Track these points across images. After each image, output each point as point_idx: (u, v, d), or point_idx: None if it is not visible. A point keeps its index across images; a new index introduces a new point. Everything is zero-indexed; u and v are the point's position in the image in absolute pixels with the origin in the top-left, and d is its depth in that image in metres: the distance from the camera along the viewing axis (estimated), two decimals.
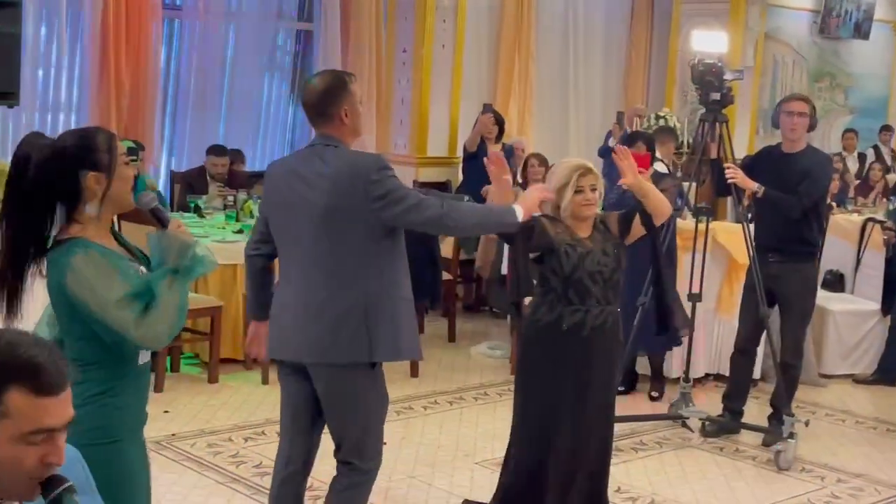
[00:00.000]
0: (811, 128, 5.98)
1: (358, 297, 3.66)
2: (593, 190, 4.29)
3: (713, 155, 6.08)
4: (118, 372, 2.75)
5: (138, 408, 2.86)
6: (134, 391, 2.82)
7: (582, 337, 4.29)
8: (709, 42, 7.70)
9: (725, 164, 5.91)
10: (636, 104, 11.10)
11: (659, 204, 4.40)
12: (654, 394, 6.82)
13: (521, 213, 3.77)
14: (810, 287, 6.09)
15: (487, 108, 9.47)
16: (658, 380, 6.89)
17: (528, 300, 4.69)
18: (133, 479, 2.80)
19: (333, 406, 3.80)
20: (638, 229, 4.43)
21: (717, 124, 6.02)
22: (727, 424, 6.13)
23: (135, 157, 7.91)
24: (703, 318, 6.74)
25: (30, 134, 2.82)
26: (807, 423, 5.93)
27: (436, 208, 3.64)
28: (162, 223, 2.79)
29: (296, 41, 10.04)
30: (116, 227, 3.10)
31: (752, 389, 6.54)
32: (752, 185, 5.82)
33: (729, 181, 5.82)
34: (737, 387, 6.22)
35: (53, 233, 2.75)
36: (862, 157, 12.62)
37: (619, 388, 6.91)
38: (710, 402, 6.48)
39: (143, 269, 2.80)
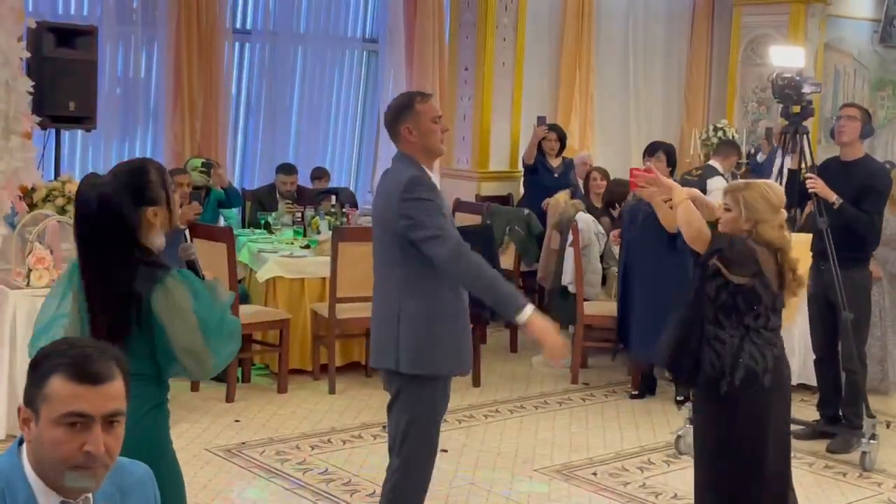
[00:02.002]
0: (866, 134, 5.95)
1: (394, 308, 3.85)
2: (725, 210, 4.10)
3: (794, 166, 6.08)
4: (164, 386, 2.92)
5: (168, 422, 3.00)
6: (167, 407, 2.98)
7: None
8: (786, 57, 7.68)
9: (807, 175, 5.89)
10: (694, 126, 11.02)
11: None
12: (680, 398, 6.80)
13: (526, 317, 3.63)
14: (863, 293, 6.02)
15: (541, 119, 9.48)
16: (683, 385, 6.87)
17: None
18: (182, 484, 2.95)
19: (390, 407, 3.98)
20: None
21: (798, 136, 6.02)
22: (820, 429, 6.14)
23: (206, 173, 8.12)
24: None
25: (87, 175, 2.96)
26: (888, 426, 5.90)
27: (449, 250, 3.68)
28: (196, 274, 2.95)
29: (363, 62, 10.18)
30: None
31: (814, 396, 6.48)
32: (831, 196, 5.80)
33: (810, 191, 5.81)
34: (823, 394, 6.24)
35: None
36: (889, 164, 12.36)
37: (634, 393, 7.01)
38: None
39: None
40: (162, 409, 2.90)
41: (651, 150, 6.92)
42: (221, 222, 8.24)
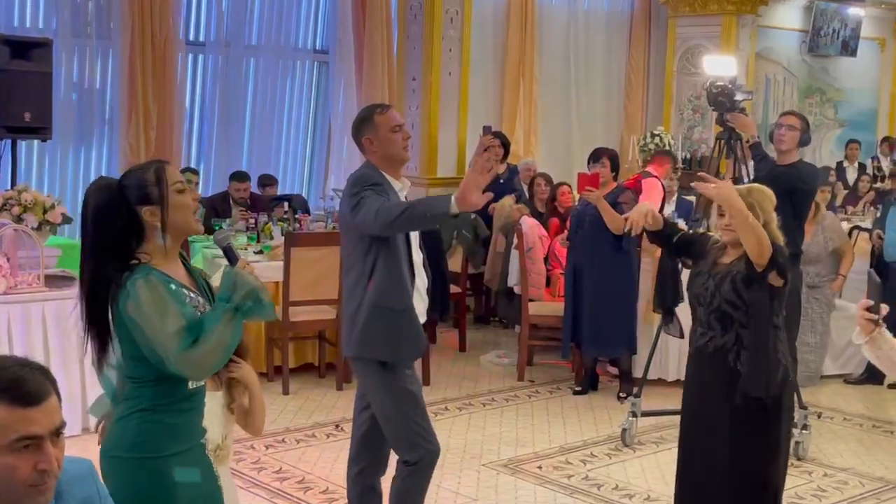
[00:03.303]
0: (804, 143, 6.00)
1: (356, 300, 3.99)
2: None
3: (730, 173, 6.16)
4: (167, 391, 2.75)
5: (188, 427, 2.83)
6: (185, 411, 2.80)
7: (689, 356, 4.23)
8: (719, 66, 7.78)
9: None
10: (631, 128, 11.13)
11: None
12: (623, 394, 6.87)
13: (455, 201, 3.60)
14: (794, 291, 6.10)
15: (487, 129, 9.45)
16: (627, 381, 6.94)
17: None
18: (177, 494, 2.76)
19: (368, 398, 4.15)
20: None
21: (733, 142, 6.09)
22: None
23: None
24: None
25: (97, 179, 2.89)
26: (819, 416, 6.05)
27: (372, 208, 3.79)
28: (230, 261, 2.83)
29: (313, 73, 10.15)
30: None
31: None
32: (751, 130, 5.99)
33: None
34: None
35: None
36: (862, 168, 12.59)
37: (577, 389, 7.07)
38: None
39: (201, 300, 2.81)
40: (154, 412, 2.74)
41: (596, 157, 6.99)
42: None
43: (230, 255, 2.84)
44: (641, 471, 5.57)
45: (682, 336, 6.24)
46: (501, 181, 9.21)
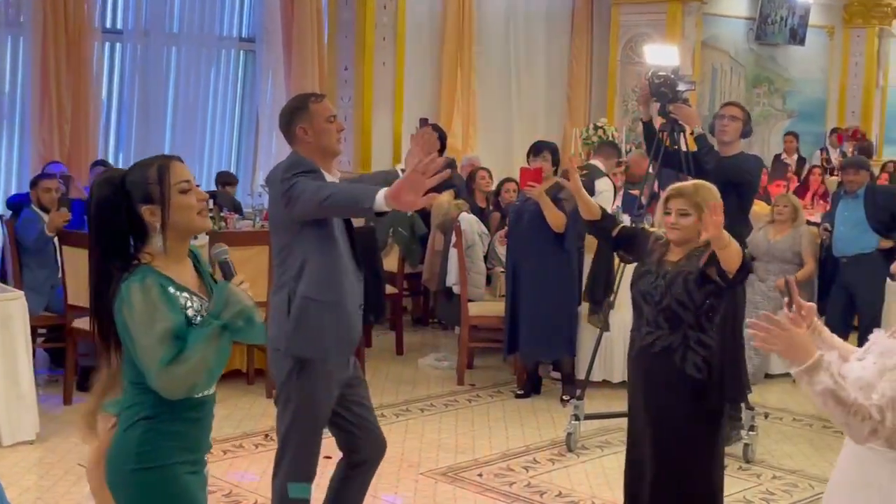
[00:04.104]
0: (746, 134, 6.11)
1: (284, 293, 3.94)
2: (681, 214, 4.06)
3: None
4: (170, 398, 2.71)
5: (195, 437, 2.81)
6: (191, 420, 2.78)
7: (631, 357, 4.29)
8: (661, 55, 7.88)
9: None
10: (572, 120, 11.23)
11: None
12: (566, 397, 6.93)
13: (382, 199, 3.59)
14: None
15: (423, 122, 9.57)
16: (570, 383, 7.01)
17: None
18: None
19: (277, 399, 4.14)
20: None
21: (676, 134, 6.15)
22: None
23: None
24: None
25: (103, 171, 2.87)
26: (766, 417, 6.12)
27: (307, 189, 3.77)
28: (226, 276, 2.80)
29: (239, 62, 10.08)
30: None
31: None
32: (694, 123, 6.04)
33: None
34: None
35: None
36: (801, 161, 12.84)
37: (519, 392, 7.12)
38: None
39: (205, 304, 2.77)
40: (157, 420, 2.72)
41: (536, 150, 7.03)
42: None
43: (226, 271, 2.82)
44: (585, 476, 5.62)
45: (604, 328, 6.33)
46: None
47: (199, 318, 2.72)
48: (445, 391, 7.24)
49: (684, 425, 4.05)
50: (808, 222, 8.80)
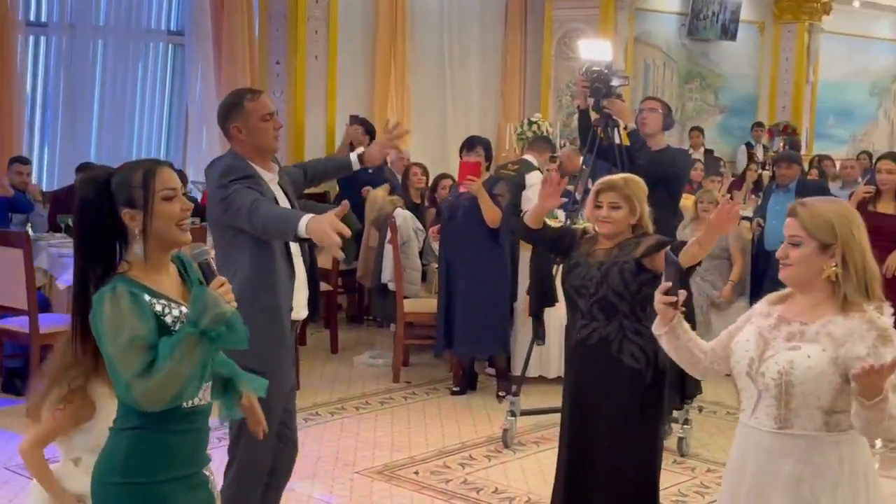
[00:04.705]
0: (668, 126, 6.25)
1: None
2: (612, 207, 4.14)
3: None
4: (148, 410, 2.62)
5: (187, 450, 2.73)
6: (180, 433, 2.70)
7: (568, 351, 4.33)
8: (595, 50, 7.92)
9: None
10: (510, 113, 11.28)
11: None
12: (501, 394, 6.98)
13: (304, 228, 3.62)
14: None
15: (354, 119, 9.58)
16: (505, 380, 7.06)
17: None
18: None
19: None
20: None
21: (610, 129, 6.21)
22: None
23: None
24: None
25: (87, 167, 2.79)
26: (700, 410, 6.24)
27: (244, 205, 3.78)
28: (206, 278, 2.73)
29: (168, 56, 9.96)
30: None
31: None
32: (628, 119, 6.12)
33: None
34: None
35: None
36: (708, 153, 12.95)
37: (455, 389, 7.14)
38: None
39: (185, 311, 2.68)
40: (145, 431, 2.65)
41: (470, 145, 7.06)
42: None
43: (207, 273, 2.74)
44: (522, 472, 5.66)
45: (543, 342, 6.40)
46: (370, 171, 9.21)
47: (178, 326, 2.63)
48: (381, 389, 7.24)
49: (624, 416, 4.11)
50: (741, 217, 8.96)
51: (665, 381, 4.17)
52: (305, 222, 3.60)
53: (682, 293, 3.08)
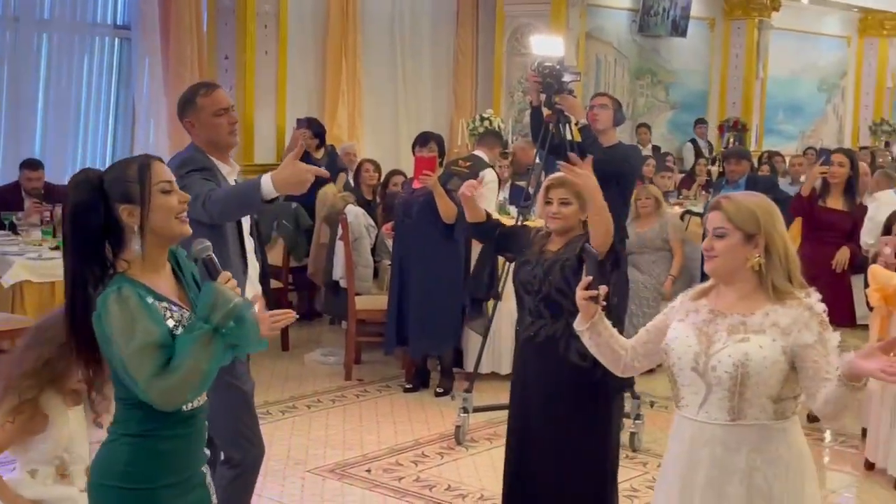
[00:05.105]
0: (618, 121, 6.30)
1: None
2: (562, 203, 4.16)
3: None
4: (159, 414, 2.61)
5: (185, 454, 2.73)
6: (180, 437, 2.70)
7: (516, 349, 4.35)
8: (547, 46, 7.93)
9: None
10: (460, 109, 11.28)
11: None
12: (440, 389, 7.00)
13: (270, 185, 3.64)
14: (621, 277, 6.33)
15: (301, 122, 9.56)
16: (447, 377, 7.07)
17: None
18: None
19: None
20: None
21: (561, 125, 6.23)
22: None
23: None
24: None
25: (80, 171, 2.75)
26: (652, 405, 6.30)
27: (200, 195, 3.74)
28: (210, 275, 2.70)
29: (114, 50, 9.84)
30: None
31: None
32: (579, 115, 6.14)
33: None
34: None
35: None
36: (655, 150, 13.05)
37: (408, 386, 7.14)
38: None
39: (187, 314, 2.67)
40: (146, 438, 2.64)
41: (423, 141, 7.08)
42: None
43: (210, 269, 2.71)
44: (475, 469, 5.67)
45: (485, 334, 6.40)
46: (322, 168, 9.20)
47: (179, 329, 2.62)
48: (333, 387, 7.22)
49: (573, 414, 4.12)
50: (692, 213, 9.05)
51: (617, 377, 4.18)
52: (269, 179, 3.62)
53: (604, 288, 3.11)
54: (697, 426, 3.00)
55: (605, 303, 3.11)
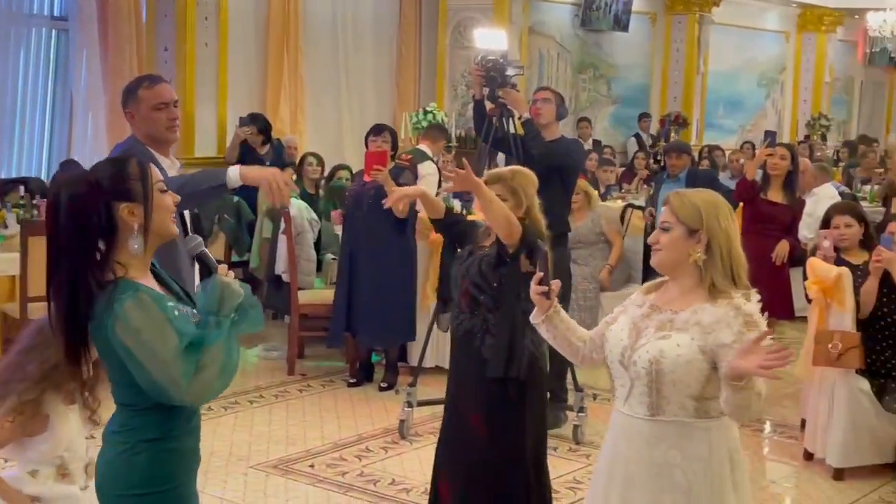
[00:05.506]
0: (561, 116, 6.34)
1: None
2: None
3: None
4: (173, 414, 2.59)
5: (197, 448, 2.76)
6: (190, 432, 2.70)
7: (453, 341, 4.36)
8: (490, 39, 7.95)
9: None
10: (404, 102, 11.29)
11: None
12: (384, 384, 7.02)
13: (236, 176, 3.70)
14: (563, 274, 6.35)
15: (243, 121, 9.50)
16: (392, 371, 7.09)
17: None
18: None
19: None
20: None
21: (505, 119, 6.24)
22: None
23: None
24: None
25: (63, 163, 2.66)
26: (595, 398, 6.33)
27: None
28: (209, 269, 2.65)
29: (51, 41, 9.70)
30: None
31: None
32: (522, 109, 6.17)
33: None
34: None
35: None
36: (596, 144, 13.15)
37: (351, 381, 7.13)
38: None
39: (189, 310, 2.62)
40: (166, 441, 2.61)
41: (377, 131, 7.10)
42: None
43: (208, 263, 2.68)
44: (419, 463, 5.67)
45: (429, 328, 6.42)
46: (267, 163, 9.14)
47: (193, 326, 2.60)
48: (275, 382, 7.19)
49: (486, 411, 4.16)
50: (633, 206, 9.13)
51: (536, 374, 4.19)
52: (236, 171, 3.67)
53: (556, 283, 3.13)
54: (625, 419, 3.04)
55: (557, 297, 3.13)
